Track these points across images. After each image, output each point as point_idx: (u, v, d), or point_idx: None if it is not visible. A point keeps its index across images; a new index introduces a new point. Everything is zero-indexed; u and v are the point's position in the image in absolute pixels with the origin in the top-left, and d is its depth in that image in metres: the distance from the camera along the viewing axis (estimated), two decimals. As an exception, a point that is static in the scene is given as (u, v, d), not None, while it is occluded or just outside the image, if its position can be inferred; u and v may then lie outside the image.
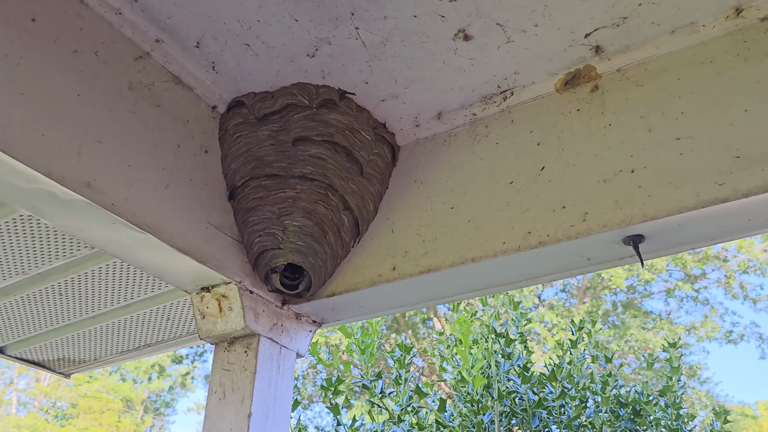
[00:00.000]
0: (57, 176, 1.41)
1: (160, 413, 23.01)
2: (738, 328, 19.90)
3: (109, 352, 2.53)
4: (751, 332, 20.31)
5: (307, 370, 22.58)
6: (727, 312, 21.07)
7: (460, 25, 1.70)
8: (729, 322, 19.93)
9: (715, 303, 20.00)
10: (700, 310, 19.57)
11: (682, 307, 19.85)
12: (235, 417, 1.78)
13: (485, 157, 1.89)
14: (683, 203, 1.50)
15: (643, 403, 3.50)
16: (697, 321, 19.43)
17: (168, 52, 1.78)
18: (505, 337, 3.26)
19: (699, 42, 1.68)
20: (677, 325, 19.55)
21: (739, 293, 19.03)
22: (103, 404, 18.87)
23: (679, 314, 20.70)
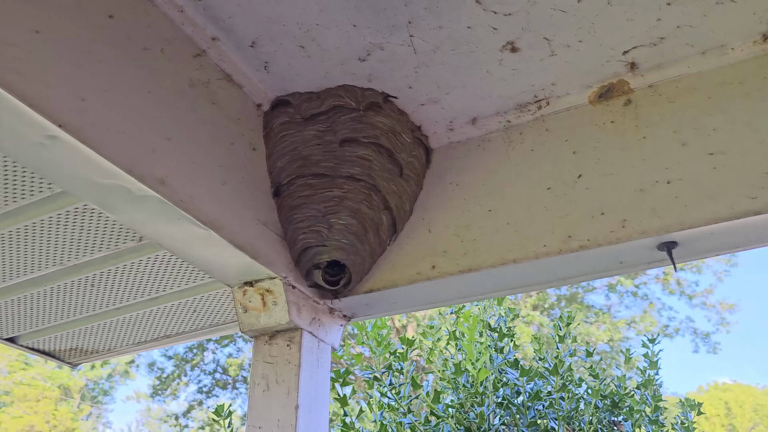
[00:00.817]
0: (136, 173, 1.43)
1: (98, 401, 22.51)
2: (674, 323, 20.84)
3: (125, 342, 2.53)
4: (686, 327, 21.29)
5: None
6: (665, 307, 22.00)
7: (510, 37, 1.79)
8: (666, 316, 20.84)
9: (654, 298, 20.87)
10: (639, 305, 20.41)
11: (622, 302, 20.66)
12: (282, 408, 1.83)
13: (521, 163, 1.99)
14: (718, 214, 1.63)
15: (622, 395, 3.69)
16: (637, 315, 20.27)
17: (223, 50, 1.81)
18: (498, 332, 3.39)
19: (728, 64, 1.82)
20: (618, 319, 20.34)
21: (676, 289, 19.94)
22: (39, 392, 18.35)
23: (619, 309, 21.52)
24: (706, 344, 21.76)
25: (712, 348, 21.73)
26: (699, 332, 21.35)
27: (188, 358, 22.48)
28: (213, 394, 23.25)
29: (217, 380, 23.06)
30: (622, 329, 19.90)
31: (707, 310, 21.11)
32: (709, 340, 21.49)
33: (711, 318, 25.86)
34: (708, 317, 24.91)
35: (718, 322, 24.26)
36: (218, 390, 23.16)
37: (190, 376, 22.81)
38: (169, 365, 22.74)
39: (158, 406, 24.30)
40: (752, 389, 38.80)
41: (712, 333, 22.27)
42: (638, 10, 1.70)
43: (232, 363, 22.48)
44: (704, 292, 20.29)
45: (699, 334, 21.34)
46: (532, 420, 3.03)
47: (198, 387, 22.74)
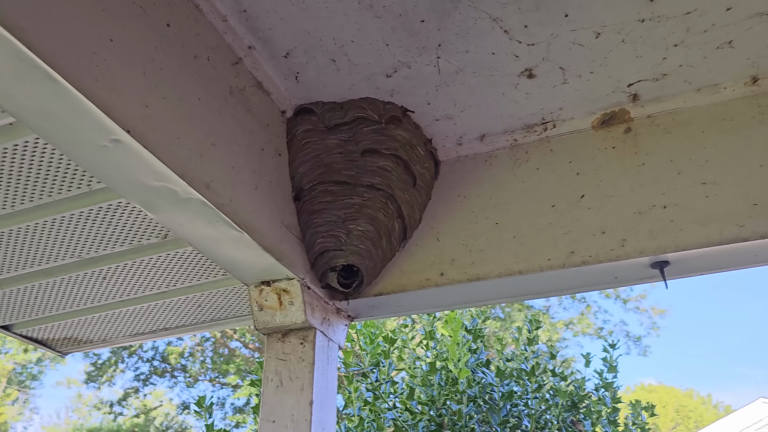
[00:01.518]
0: (187, 177, 1.50)
1: (25, 386, 21.79)
2: (608, 326, 21.73)
3: (121, 334, 2.55)
4: (620, 330, 22.24)
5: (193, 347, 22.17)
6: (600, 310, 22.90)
7: (529, 65, 1.93)
8: (601, 319, 21.70)
9: (591, 301, 21.70)
10: (577, 307, 21.19)
11: (561, 303, 21.41)
12: (296, 404, 1.92)
13: (527, 180, 2.13)
14: (710, 239, 1.81)
15: (580, 396, 3.92)
16: (575, 317, 21.05)
17: (257, 59, 1.88)
18: (473, 333, 3.55)
19: (720, 101, 2.00)
20: (557, 320, 21.07)
21: (612, 293, 20.80)
22: (-38, 376, 17.64)
23: (558, 310, 22.28)
24: (637, 347, 22.76)
25: (642, 351, 22.75)
26: (631, 335, 22.32)
27: (126, 345, 21.99)
28: (150, 382, 22.82)
29: (156, 368, 22.64)
30: (560, 330, 20.63)
31: (640, 314, 22.08)
32: (640, 343, 22.49)
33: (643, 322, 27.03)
34: (640, 321, 26.04)
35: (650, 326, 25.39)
36: (156, 378, 22.75)
37: (128, 363, 22.32)
38: (105, 351, 22.19)
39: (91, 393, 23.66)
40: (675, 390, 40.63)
41: (643, 336, 23.30)
42: (648, 48, 1.86)
43: (173, 351, 22.11)
44: (638, 297, 21.22)
45: (631, 337, 22.30)
46: (504, 418, 3.20)
47: (135, 374, 22.28)
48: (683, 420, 38.60)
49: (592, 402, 3.82)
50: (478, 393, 3.42)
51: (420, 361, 3.75)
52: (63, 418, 22.40)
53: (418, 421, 3.13)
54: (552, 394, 3.71)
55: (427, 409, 3.42)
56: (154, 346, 22.36)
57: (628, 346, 22.98)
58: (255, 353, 19.27)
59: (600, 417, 3.91)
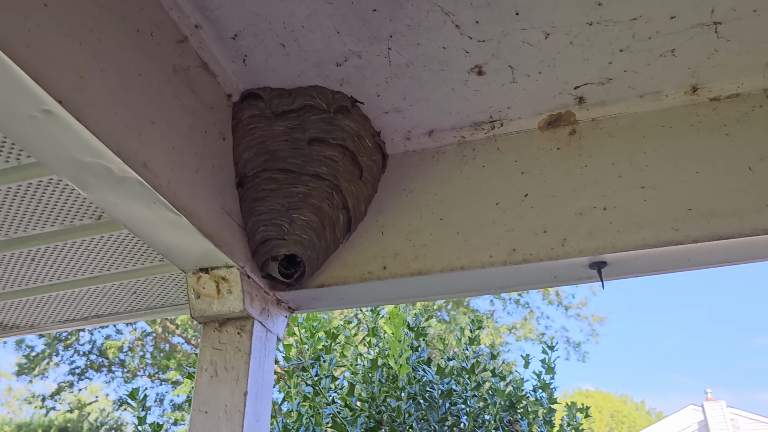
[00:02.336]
0: (123, 154, 1.44)
1: None
2: (550, 331, 22.25)
3: (51, 320, 2.44)
4: (560, 335, 22.80)
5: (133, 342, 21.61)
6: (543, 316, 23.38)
7: (479, 61, 1.93)
8: (543, 325, 22.19)
9: (534, 307, 22.16)
10: (520, 312, 21.62)
11: (505, 308, 21.80)
12: (231, 394, 1.87)
13: (472, 177, 2.14)
14: (646, 241, 1.86)
15: (519, 396, 3.97)
16: (518, 322, 21.47)
17: (203, 39, 1.83)
18: (415, 331, 3.56)
19: (661, 108, 2.05)
20: (500, 324, 21.44)
21: (554, 300, 21.30)
22: None
23: (502, 315, 22.65)
24: (576, 353, 23.35)
25: (581, 356, 23.34)
26: (571, 341, 22.89)
27: (62, 338, 21.26)
28: (86, 377, 22.12)
29: (92, 362, 21.96)
30: (503, 334, 21.00)
31: (580, 321, 22.65)
32: (580, 349, 23.09)
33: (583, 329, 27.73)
34: (580, 328, 26.73)
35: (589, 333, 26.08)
36: (92, 372, 22.06)
37: (63, 356, 21.59)
38: (39, 343, 21.40)
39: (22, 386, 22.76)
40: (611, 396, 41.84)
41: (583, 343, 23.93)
42: (594, 52, 1.90)
43: (111, 345, 21.50)
44: (579, 305, 21.78)
45: (571, 342, 22.87)
46: (443, 416, 3.21)
47: (70, 368, 21.56)
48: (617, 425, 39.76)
49: (529, 402, 3.88)
50: (418, 391, 3.43)
51: (362, 358, 3.74)
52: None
53: (356, 417, 3.12)
54: (491, 393, 3.76)
55: (367, 405, 3.41)
56: (91, 340, 21.67)
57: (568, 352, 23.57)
58: (197, 349, 18.92)
59: (537, 417, 3.97)
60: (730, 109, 1.98)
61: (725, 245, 1.82)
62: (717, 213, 1.83)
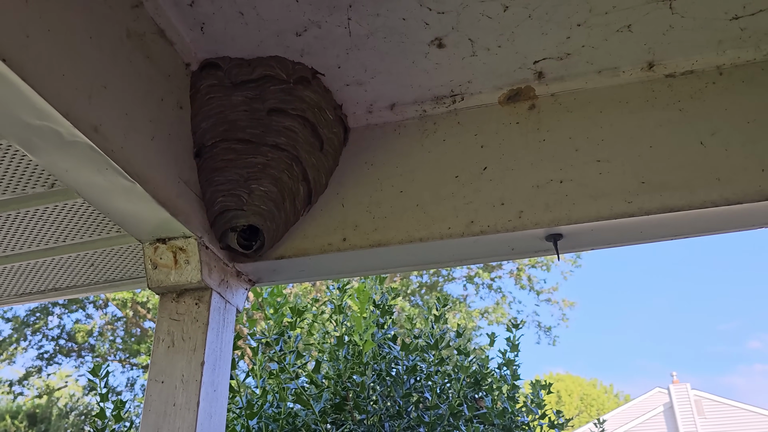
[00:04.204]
0: (72, 117, 1.42)
1: None
2: (522, 315, 22.53)
3: (7, 293, 2.40)
4: (532, 320, 23.10)
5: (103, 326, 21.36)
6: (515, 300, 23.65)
7: (439, 34, 1.94)
8: (515, 309, 22.46)
9: (506, 292, 22.38)
10: (493, 297, 21.84)
11: (478, 293, 22.00)
12: (188, 364, 1.87)
13: (433, 151, 2.15)
14: (600, 213, 1.89)
15: (484, 374, 4.03)
16: (490, 306, 21.70)
17: (159, 4, 1.80)
18: (381, 308, 3.58)
19: (618, 84, 2.08)
20: (473, 308, 21.65)
21: (526, 285, 21.57)
22: None
23: (474, 299, 22.82)
24: (547, 337, 23.69)
25: (552, 340, 23.69)
26: (542, 325, 23.20)
27: (30, 322, 20.94)
28: (55, 362, 21.84)
29: (61, 347, 21.68)
30: (475, 318, 21.21)
31: (551, 305, 22.98)
32: (551, 333, 23.42)
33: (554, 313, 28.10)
34: (551, 312, 27.14)
35: (560, 317, 26.47)
36: (61, 357, 21.79)
37: (31, 341, 21.28)
38: (6, 328, 21.06)
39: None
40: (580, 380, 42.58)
41: (554, 327, 24.29)
42: (553, 26, 1.91)
43: (81, 329, 21.24)
44: (550, 290, 22.07)
45: (542, 327, 23.18)
46: (407, 391, 3.24)
47: (39, 353, 21.27)
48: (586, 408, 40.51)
49: (494, 379, 3.94)
50: (384, 367, 3.45)
51: (329, 336, 3.75)
52: (-44, 397, 21.18)
53: (321, 392, 3.13)
54: (456, 370, 3.80)
55: (333, 382, 3.43)
56: (60, 324, 21.38)
57: (539, 336, 23.88)
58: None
59: (501, 394, 4.03)
60: (684, 85, 2.02)
61: (676, 217, 1.86)
62: (669, 185, 1.87)
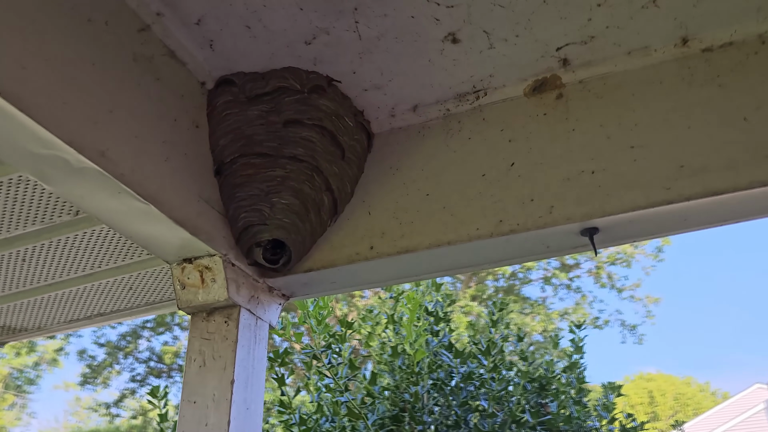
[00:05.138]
0: (76, 144, 1.43)
1: (22, 391, 21.73)
2: (604, 315, 21.71)
3: (56, 320, 2.49)
4: (615, 319, 22.23)
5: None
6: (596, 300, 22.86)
7: (452, 29, 1.87)
8: (596, 309, 21.68)
9: (586, 291, 21.65)
10: (572, 297, 21.16)
11: (557, 294, 21.36)
12: (218, 383, 1.86)
13: (458, 150, 2.07)
14: (636, 203, 1.76)
15: (549, 378, 3.87)
16: (570, 307, 21.01)
17: (167, 26, 1.81)
18: (434, 316, 3.50)
19: (651, 64, 1.94)
20: (552, 310, 21.04)
21: (607, 283, 20.78)
22: (-42, 382, 17.57)
23: (553, 300, 22.19)
24: (632, 335, 22.72)
25: (637, 339, 22.72)
26: (626, 324, 22.29)
27: (121, 346, 21.91)
28: (147, 383, 22.74)
29: (152, 368, 22.57)
30: (555, 320, 20.60)
31: (635, 303, 22.07)
32: (636, 331, 22.47)
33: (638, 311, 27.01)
34: (635, 310, 26.08)
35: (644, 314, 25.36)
36: (152, 378, 22.67)
37: (123, 365, 22.24)
38: (100, 353, 22.11)
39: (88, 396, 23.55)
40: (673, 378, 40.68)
41: (639, 325, 23.29)
42: (571, 9, 1.80)
43: (168, 351, 22.04)
44: (632, 286, 21.21)
45: (626, 325, 22.28)
46: (464, 400, 3.15)
47: (131, 375, 22.20)
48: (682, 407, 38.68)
49: (558, 384, 3.78)
50: (440, 376, 3.37)
51: (385, 347, 3.70)
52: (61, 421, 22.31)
53: (373, 403, 3.08)
54: (519, 375, 3.66)
55: (389, 393, 3.38)
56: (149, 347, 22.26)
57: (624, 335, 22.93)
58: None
59: (569, 398, 3.86)
60: (724, 59, 1.86)
61: (721, 201, 1.70)
62: (710, 168, 1.72)
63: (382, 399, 3.37)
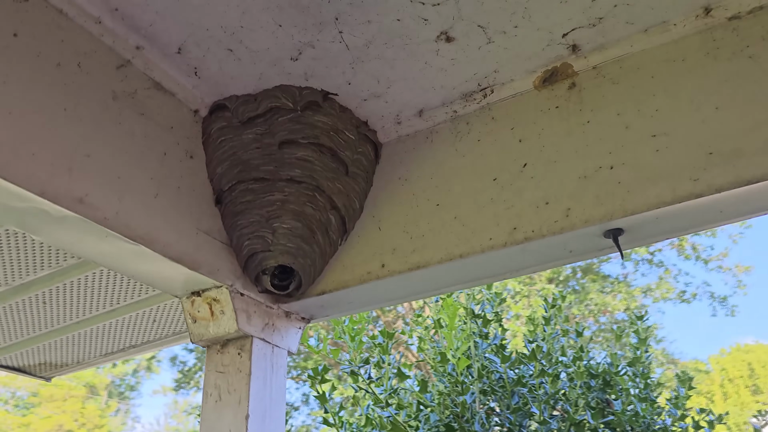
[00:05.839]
0: (50, 195, 1.40)
1: (125, 397, 22.79)
2: (691, 288, 20.62)
3: (93, 354, 2.52)
4: (703, 291, 21.10)
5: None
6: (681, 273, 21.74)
7: (443, 27, 1.73)
8: (682, 282, 20.63)
9: (669, 265, 20.63)
10: (655, 272, 20.18)
11: (638, 269, 20.43)
12: (233, 418, 1.81)
13: (468, 154, 1.94)
14: (661, 198, 1.58)
15: (612, 373, 3.65)
16: (653, 283, 20.07)
17: (149, 58, 1.76)
18: (482, 318, 3.36)
19: (671, 40, 1.75)
20: (634, 287, 20.17)
21: (692, 254, 19.73)
22: (65, 392, 18.58)
23: (635, 277, 21.26)
24: (723, 307, 21.53)
25: (729, 311, 21.50)
26: (716, 296, 21.11)
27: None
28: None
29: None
30: (638, 297, 19.73)
31: (723, 273, 20.88)
32: (727, 303, 21.25)
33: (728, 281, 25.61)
34: (724, 280, 24.70)
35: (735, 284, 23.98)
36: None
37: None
38: (190, 358, 22.94)
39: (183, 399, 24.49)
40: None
41: (729, 296, 22.00)
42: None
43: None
44: (720, 256, 20.04)
45: (716, 297, 21.10)
46: (516, 406, 3.00)
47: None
48: (786, 379, 36.53)
49: (620, 380, 3.55)
50: (495, 378, 3.23)
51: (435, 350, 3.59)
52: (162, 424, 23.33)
53: (425, 417, 2.98)
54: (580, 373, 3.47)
55: (441, 401, 3.27)
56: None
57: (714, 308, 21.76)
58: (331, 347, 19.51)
59: (634, 395, 3.63)
60: (754, 26, 1.64)
61: (758, 190, 1.50)
62: (743, 152, 1.52)
63: (434, 407, 3.27)
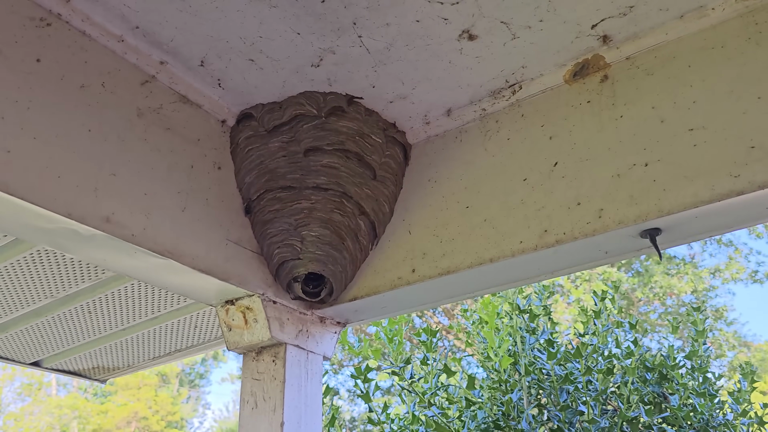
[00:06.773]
0: (76, 216, 1.44)
1: (195, 385, 23.55)
2: (763, 268, 19.63)
3: (141, 359, 2.60)
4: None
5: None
6: (752, 252, 20.75)
7: (464, 25, 1.68)
8: (754, 262, 19.67)
9: (739, 244, 19.69)
10: (724, 252, 19.31)
11: (705, 250, 19.59)
12: (269, 426, 1.83)
13: (497, 154, 1.89)
14: (698, 197, 1.49)
15: (669, 367, 3.52)
16: (722, 263, 19.21)
17: (173, 72, 1.78)
18: (528, 313, 3.29)
19: (708, 26, 1.64)
20: (701, 268, 19.37)
21: (763, 233, 18.77)
22: (139, 380, 19.36)
23: (703, 257, 20.40)
24: (801, 286, 20.45)
25: (808, 291, 20.42)
26: (793, 276, 20.06)
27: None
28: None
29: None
30: (706, 278, 18.95)
31: (800, 250, 19.82)
32: (805, 281, 20.18)
33: (806, 259, 24.32)
34: (802, 258, 23.48)
35: (814, 262, 22.71)
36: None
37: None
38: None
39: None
40: None
41: (808, 275, 20.84)
42: (596, -19, 1.56)
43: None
44: (794, 233, 19.05)
45: (793, 276, 20.05)
46: (564, 403, 2.93)
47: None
48: None
49: (676, 375, 3.42)
50: (540, 377, 3.17)
51: (478, 345, 3.54)
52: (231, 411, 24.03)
53: (462, 411, 2.95)
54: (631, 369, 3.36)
55: (491, 395, 3.23)
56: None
57: (790, 288, 20.66)
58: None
59: (692, 390, 3.50)
60: (799, 6, 1.53)
61: (805, 186, 1.40)
62: (788, 146, 1.42)
63: (482, 403, 3.23)
